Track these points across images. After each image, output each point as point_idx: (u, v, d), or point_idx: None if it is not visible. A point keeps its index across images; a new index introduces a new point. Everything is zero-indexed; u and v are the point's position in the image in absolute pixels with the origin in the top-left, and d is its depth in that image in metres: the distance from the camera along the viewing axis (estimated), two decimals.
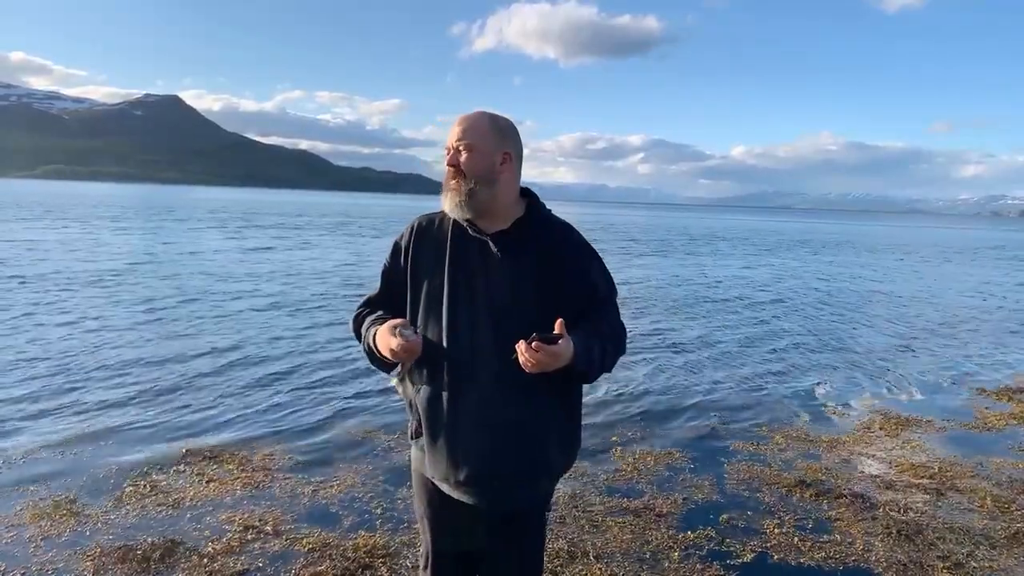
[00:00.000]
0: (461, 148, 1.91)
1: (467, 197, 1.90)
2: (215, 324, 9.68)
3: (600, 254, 2.04)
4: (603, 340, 1.91)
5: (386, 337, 1.89)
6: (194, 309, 10.79)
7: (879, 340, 10.54)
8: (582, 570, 3.49)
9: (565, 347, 1.74)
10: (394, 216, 57.94)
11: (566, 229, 2.01)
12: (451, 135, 1.94)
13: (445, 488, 2.04)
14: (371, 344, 2.00)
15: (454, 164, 1.91)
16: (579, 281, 1.96)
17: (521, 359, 1.74)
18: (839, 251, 34.36)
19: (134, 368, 7.18)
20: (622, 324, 2.03)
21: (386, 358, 1.96)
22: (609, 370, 1.97)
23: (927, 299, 16.10)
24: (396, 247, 2.11)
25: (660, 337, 10.04)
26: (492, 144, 1.93)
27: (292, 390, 6.64)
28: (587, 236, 2.07)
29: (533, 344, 1.71)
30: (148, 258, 17.88)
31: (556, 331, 1.75)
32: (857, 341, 10.37)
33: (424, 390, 2.01)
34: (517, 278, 1.91)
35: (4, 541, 3.59)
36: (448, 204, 1.94)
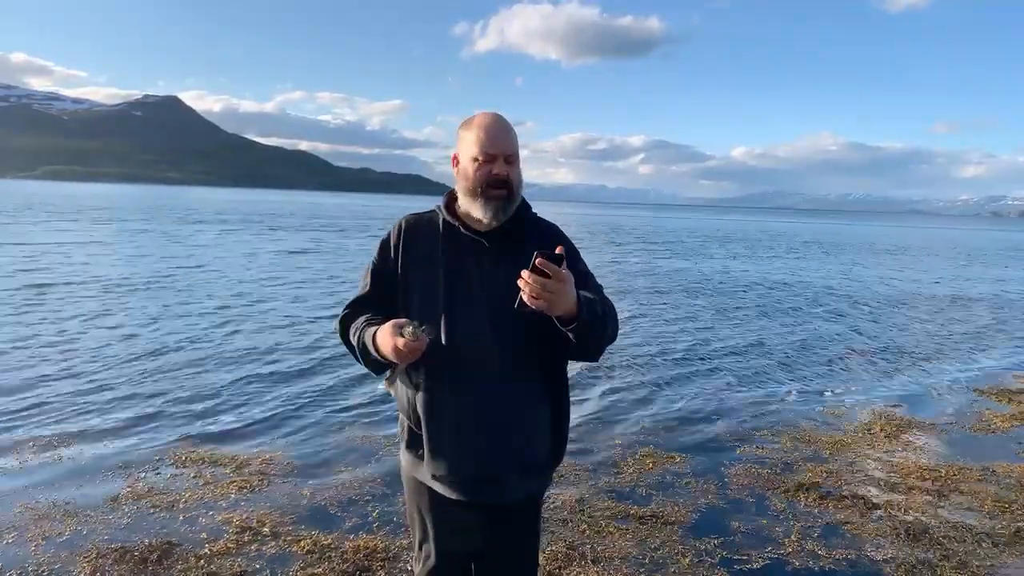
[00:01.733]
0: (510, 160, 1.92)
1: (511, 206, 1.93)
2: (219, 328, 9.66)
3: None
4: (603, 305, 1.89)
5: (388, 336, 1.82)
6: (202, 312, 10.78)
7: (884, 342, 10.51)
8: (579, 572, 3.46)
9: (568, 276, 1.70)
10: None
11: (552, 227, 2.06)
12: (493, 145, 1.89)
13: (441, 488, 2.03)
14: (366, 344, 1.94)
15: (505, 177, 1.90)
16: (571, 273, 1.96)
17: (526, 289, 1.68)
18: (856, 253, 34.27)
19: (133, 371, 7.16)
20: (614, 307, 2.01)
21: (383, 358, 1.91)
22: (604, 338, 1.92)
23: (938, 299, 16.09)
24: (384, 245, 2.07)
25: (664, 339, 10.02)
26: (518, 149, 1.97)
27: (290, 394, 6.62)
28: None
29: (538, 261, 1.64)
30: (196, 263, 17.46)
31: (557, 251, 1.70)
32: (861, 343, 10.35)
33: (422, 390, 1.98)
34: (512, 275, 1.88)
35: (4, 542, 3.58)
36: (486, 213, 1.91)
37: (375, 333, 1.90)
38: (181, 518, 3.91)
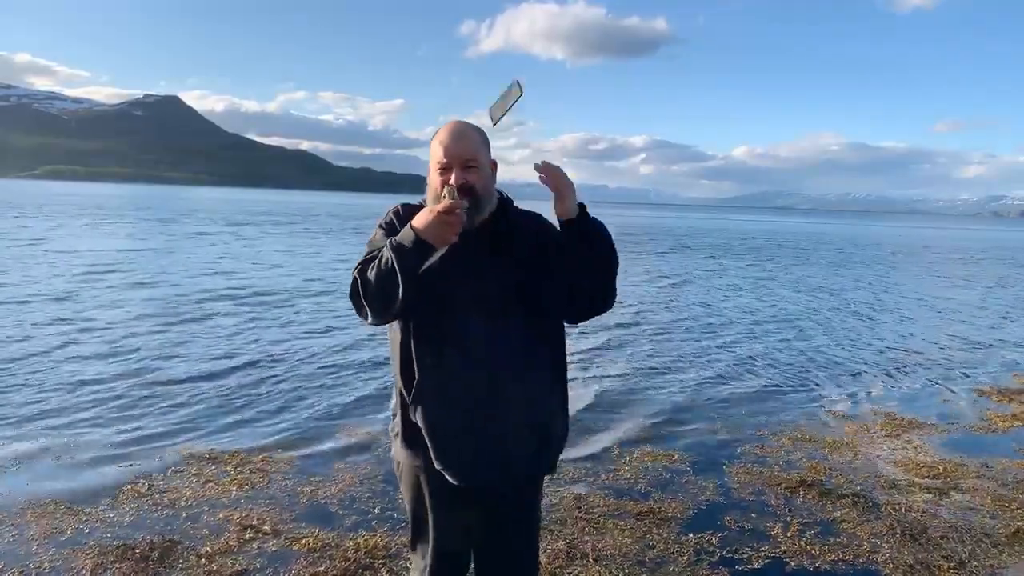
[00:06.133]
0: (471, 165, 1.94)
1: (478, 212, 1.95)
2: (228, 329, 9.66)
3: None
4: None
5: (426, 212, 1.83)
6: (212, 313, 10.79)
7: (882, 342, 10.52)
8: (580, 571, 3.47)
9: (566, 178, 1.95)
10: None
11: (537, 216, 2.14)
12: (450, 151, 1.94)
13: (454, 477, 2.02)
14: (401, 243, 1.85)
15: (464, 184, 1.91)
16: None
17: (546, 175, 1.94)
18: (873, 255, 34.32)
19: (136, 369, 7.17)
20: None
21: (420, 246, 1.83)
22: (609, 258, 2.01)
23: (937, 301, 16.09)
24: (391, 227, 2.03)
25: (663, 338, 10.03)
26: (487, 157, 2.01)
27: (291, 392, 6.62)
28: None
29: (541, 164, 1.93)
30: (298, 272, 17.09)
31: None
32: (860, 344, 10.35)
33: (430, 382, 1.99)
34: (506, 265, 1.99)
35: (6, 540, 3.58)
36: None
37: (409, 225, 1.86)
38: (183, 516, 3.92)
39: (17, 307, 10.21)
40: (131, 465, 4.66)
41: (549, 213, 2.10)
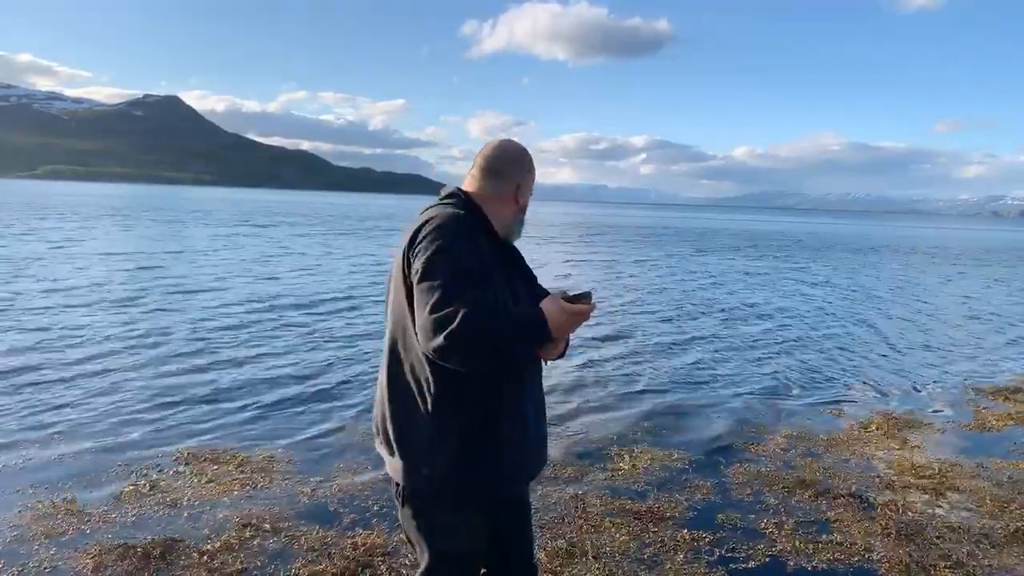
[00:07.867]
0: None
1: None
2: (234, 330, 9.68)
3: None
4: None
5: (560, 306, 1.89)
6: (223, 315, 10.81)
7: (880, 341, 10.55)
8: (580, 570, 3.50)
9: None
10: None
11: None
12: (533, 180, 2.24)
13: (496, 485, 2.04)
14: (530, 322, 1.90)
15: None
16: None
17: (559, 349, 2.01)
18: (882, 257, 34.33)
19: (137, 369, 7.20)
20: None
21: (540, 334, 1.90)
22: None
23: (934, 301, 16.11)
24: (469, 244, 1.93)
25: (662, 339, 10.05)
26: None
27: (292, 392, 6.65)
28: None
29: (587, 305, 1.91)
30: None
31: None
32: (857, 343, 10.38)
33: (503, 391, 1.99)
34: (526, 277, 2.16)
35: (7, 539, 3.61)
36: (520, 235, 2.22)
37: (542, 309, 1.91)
38: (184, 515, 3.95)
39: (75, 310, 10.24)
40: (132, 465, 4.68)
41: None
